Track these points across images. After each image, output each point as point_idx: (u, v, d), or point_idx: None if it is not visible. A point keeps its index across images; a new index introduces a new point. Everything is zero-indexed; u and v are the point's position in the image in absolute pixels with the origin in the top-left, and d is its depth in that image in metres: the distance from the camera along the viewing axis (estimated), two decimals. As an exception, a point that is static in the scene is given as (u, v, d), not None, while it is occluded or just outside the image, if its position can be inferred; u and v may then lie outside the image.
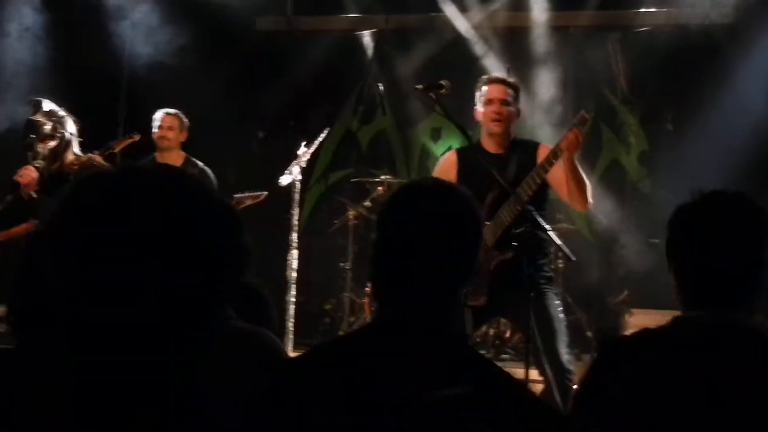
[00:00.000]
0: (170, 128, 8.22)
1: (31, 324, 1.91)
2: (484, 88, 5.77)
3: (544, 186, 5.54)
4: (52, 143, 6.18)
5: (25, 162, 6.22)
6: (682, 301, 2.51)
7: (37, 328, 1.89)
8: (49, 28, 9.43)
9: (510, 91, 5.76)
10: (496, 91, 5.74)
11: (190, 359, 1.55)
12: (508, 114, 5.72)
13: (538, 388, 6.03)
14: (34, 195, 6.06)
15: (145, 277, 1.48)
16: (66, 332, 1.52)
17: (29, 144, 6.17)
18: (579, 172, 5.47)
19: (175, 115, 8.27)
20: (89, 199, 1.51)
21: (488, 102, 5.73)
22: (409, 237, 2.31)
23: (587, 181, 5.54)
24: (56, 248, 1.51)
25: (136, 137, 7.80)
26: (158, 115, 8.25)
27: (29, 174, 6.05)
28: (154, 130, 8.22)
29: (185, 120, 8.30)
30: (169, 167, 1.64)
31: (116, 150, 7.21)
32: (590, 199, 5.62)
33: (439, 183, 2.50)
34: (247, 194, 8.05)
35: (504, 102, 5.72)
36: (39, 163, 6.12)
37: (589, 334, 9.03)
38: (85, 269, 1.47)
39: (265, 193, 8.02)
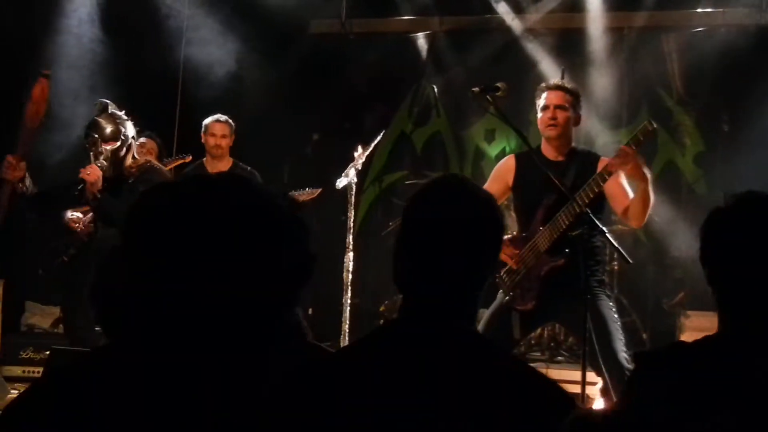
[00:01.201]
0: (224, 136, 8.34)
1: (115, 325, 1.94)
2: (543, 95, 5.78)
3: (601, 194, 5.54)
4: (115, 145, 6.26)
5: (87, 160, 6.30)
6: (719, 314, 2.49)
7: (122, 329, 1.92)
8: (106, 32, 9.52)
9: (568, 96, 5.75)
10: (553, 96, 5.74)
11: (260, 359, 1.59)
12: (563, 119, 5.71)
13: (596, 389, 6.05)
14: (98, 195, 6.13)
15: (218, 284, 1.52)
16: (142, 335, 1.57)
17: (93, 142, 6.25)
18: (648, 192, 5.46)
19: (226, 122, 8.39)
20: (165, 209, 1.56)
21: (544, 108, 5.74)
22: (428, 234, 2.33)
23: (652, 200, 5.53)
24: (132, 256, 1.56)
25: (188, 158, 7.92)
26: (209, 122, 8.35)
27: (95, 172, 6.13)
28: (207, 138, 8.31)
29: (233, 125, 8.40)
30: (238, 177, 1.68)
31: (168, 168, 7.32)
32: (646, 219, 5.65)
33: (462, 182, 2.50)
34: (302, 191, 8.12)
35: (560, 107, 5.71)
36: (101, 163, 6.20)
37: (644, 335, 8.99)
38: (161, 277, 1.52)
39: (320, 189, 8.09)
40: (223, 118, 8.39)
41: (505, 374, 2.24)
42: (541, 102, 5.76)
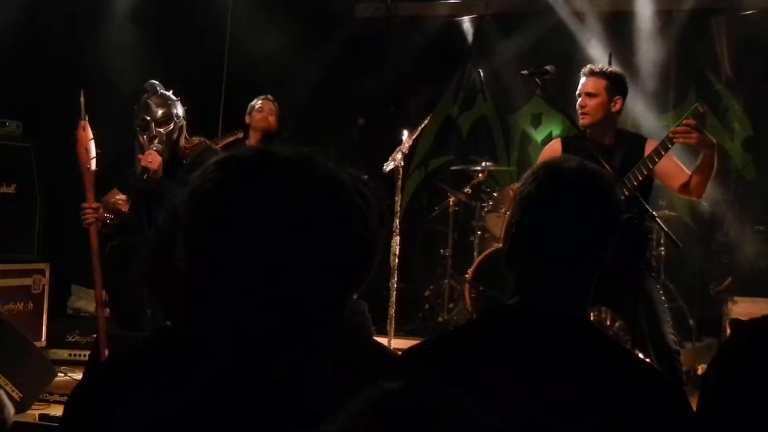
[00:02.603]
0: (270, 113, 8.36)
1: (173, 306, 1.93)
2: (581, 80, 5.76)
3: (650, 177, 5.51)
4: (169, 128, 6.25)
5: (140, 143, 6.29)
6: None
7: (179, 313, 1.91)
8: (151, 16, 9.57)
9: (602, 82, 5.69)
10: (585, 84, 5.72)
11: (322, 346, 1.58)
12: (593, 107, 5.67)
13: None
14: (159, 180, 6.14)
15: (286, 266, 1.51)
16: (204, 320, 1.56)
17: (145, 126, 6.24)
18: (714, 160, 5.44)
19: (273, 101, 8.44)
20: (232, 188, 1.55)
21: (578, 95, 5.72)
22: (553, 216, 2.31)
23: (716, 167, 5.51)
24: (198, 238, 1.55)
25: (240, 135, 7.94)
26: (257, 101, 8.37)
27: (156, 158, 6.12)
28: (253, 114, 8.33)
29: (278, 106, 8.48)
30: (305, 154, 1.64)
31: (220, 145, 7.32)
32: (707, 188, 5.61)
33: (586, 168, 2.44)
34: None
35: (590, 94, 5.67)
36: (157, 146, 6.19)
37: (691, 321, 8.92)
38: (226, 258, 1.51)
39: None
40: (270, 97, 8.48)
41: (623, 367, 2.25)
42: (578, 88, 5.75)
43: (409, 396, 1.45)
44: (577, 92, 5.74)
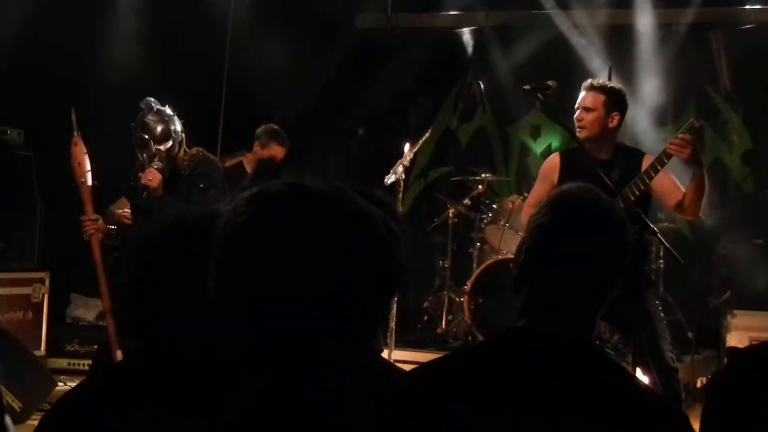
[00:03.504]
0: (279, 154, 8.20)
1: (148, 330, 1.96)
2: (580, 95, 5.77)
3: (647, 192, 5.52)
4: (168, 143, 6.23)
5: (140, 161, 6.28)
6: None
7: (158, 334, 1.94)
8: (150, 29, 9.58)
9: (600, 97, 5.69)
10: (583, 98, 5.72)
11: (339, 377, 1.60)
12: (589, 122, 5.67)
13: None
14: (159, 197, 6.12)
15: (315, 297, 1.53)
16: (219, 342, 1.58)
17: (144, 144, 6.22)
18: (704, 179, 5.44)
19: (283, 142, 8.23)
20: (266, 217, 1.57)
21: (576, 109, 5.73)
22: (566, 249, 2.32)
23: (706, 188, 5.50)
24: (230, 270, 1.57)
25: (247, 156, 7.91)
26: (266, 138, 8.21)
27: (156, 177, 6.11)
28: (263, 151, 8.20)
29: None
30: (335, 188, 1.67)
31: (227, 165, 7.29)
32: (702, 209, 5.61)
33: (598, 197, 2.47)
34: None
35: (587, 109, 5.68)
36: (157, 164, 6.16)
37: (690, 334, 8.93)
38: (257, 289, 1.53)
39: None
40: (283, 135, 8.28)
41: (626, 393, 2.26)
42: (577, 101, 5.76)
43: (420, 416, 1.47)
44: (576, 105, 5.76)
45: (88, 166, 6.08)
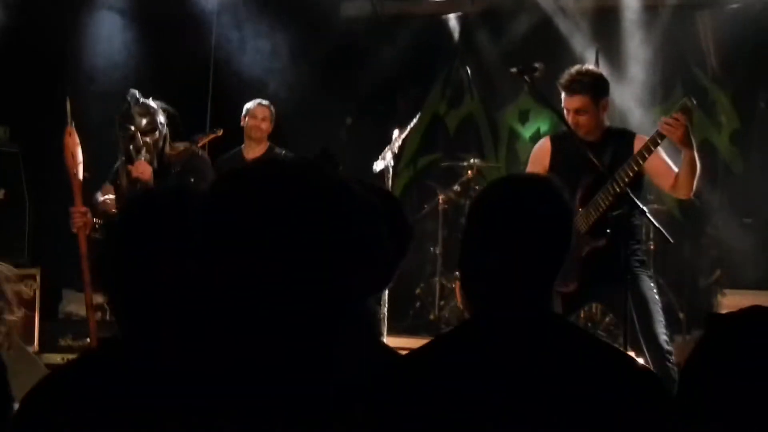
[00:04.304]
0: (264, 119, 8.31)
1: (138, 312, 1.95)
2: (562, 95, 5.72)
3: (640, 173, 5.52)
4: (155, 136, 6.21)
5: (126, 154, 6.24)
6: None
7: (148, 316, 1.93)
8: (136, 20, 9.55)
9: (585, 97, 5.64)
10: (570, 102, 5.67)
11: (327, 346, 1.60)
12: (586, 121, 5.65)
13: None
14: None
15: (295, 268, 1.53)
16: (206, 321, 1.58)
17: (131, 136, 6.19)
18: (695, 159, 5.43)
19: (267, 106, 8.38)
20: (241, 195, 1.57)
21: (566, 110, 5.69)
22: (503, 230, 2.33)
23: (699, 170, 5.50)
24: (212, 248, 1.57)
25: (219, 132, 7.86)
26: (251, 105, 8.33)
27: (147, 169, 6.09)
28: (247, 120, 8.30)
29: (274, 111, 8.42)
30: (311, 163, 1.68)
31: (200, 144, 7.26)
32: (695, 188, 5.60)
33: (534, 178, 2.52)
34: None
35: (579, 111, 5.65)
36: (146, 156, 6.15)
37: (681, 315, 8.95)
38: (236, 260, 1.53)
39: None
40: (265, 102, 8.41)
41: (598, 357, 2.27)
42: (562, 101, 5.71)
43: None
44: (563, 106, 5.71)
45: (80, 158, 6.05)
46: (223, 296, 1.56)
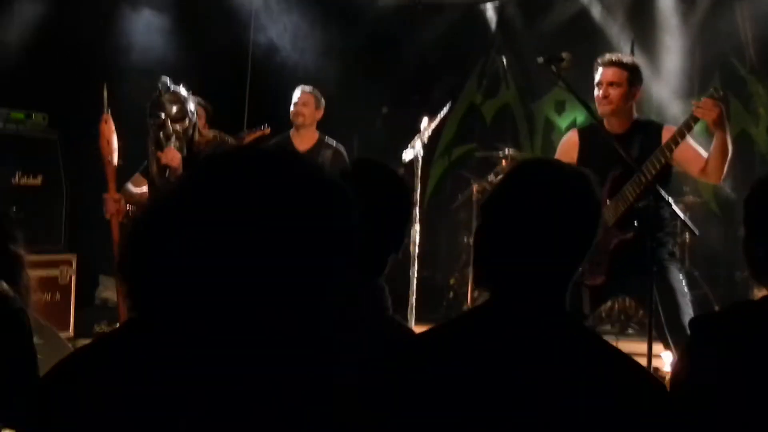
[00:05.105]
0: (305, 104, 8.24)
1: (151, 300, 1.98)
2: (599, 70, 5.73)
3: (668, 165, 5.50)
4: (185, 123, 6.23)
5: (156, 141, 6.28)
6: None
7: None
8: (175, 11, 9.60)
9: (622, 72, 5.66)
10: (606, 73, 5.67)
11: (314, 327, 1.63)
12: (616, 96, 5.64)
13: (662, 362, 6.03)
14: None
15: (259, 258, 1.56)
16: (184, 311, 1.61)
17: (161, 123, 6.21)
18: (727, 143, 5.41)
19: (310, 92, 8.30)
20: (208, 184, 1.61)
21: (598, 84, 5.70)
22: (525, 217, 2.29)
23: (730, 151, 5.48)
24: (179, 229, 1.60)
25: (267, 131, 7.89)
26: (296, 92, 8.30)
27: (176, 156, 6.13)
28: (291, 107, 8.29)
29: (321, 98, 8.35)
30: (286, 150, 1.71)
31: (246, 141, 7.28)
32: (725, 171, 5.58)
33: (556, 164, 2.47)
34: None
35: (613, 84, 5.64)
36: (176, 143, 6.18)
37: (716, 308, 8.91)
38: (206, 251, 1.56)
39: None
40: (308, 88, 8.32)
41: (597, 357, 2.25)
42: (597, 78, 5.72)
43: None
44: (597, 81, 5.72)
45: (115, 145, 6.11)
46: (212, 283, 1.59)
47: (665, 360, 5.98)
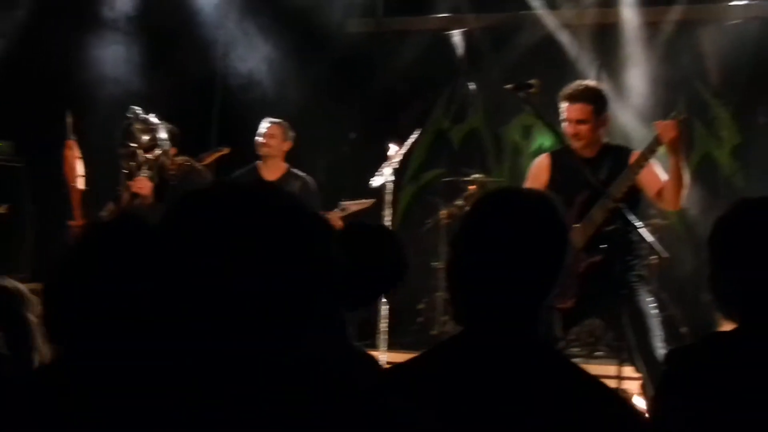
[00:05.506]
0: (272, 136, 8.15)
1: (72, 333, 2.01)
2: (564, 105, 5.75)
3: (635, 188, 5.54)
4: (156, 152, 6.22)
5: (127, 170, 6.27)
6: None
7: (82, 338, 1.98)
8: (144, 36, 9.59)
9: (588, 107, 5.70)
10: (572, 112, 5.71)
11: (279, 364, 1.63)
12: (586, 131, 5.68)
13: (633, 384, 6.05)
14: (150, 205, 6.12)
15: (239, 288, 1.57)
16: (155, 340, 1.62)
17: (131, 153, 6.20)
18: (682, 168, 5.46)
19: (278, 124, 8.23)
20: (189, 218, 1.61)
21: (566, 120, 5.73)
22: (494, 248, 2.27)
23: (687, 181, 5.52)
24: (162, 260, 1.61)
25: (225, 151, 7.82)
26: (263, 123, 8.19)
27: (146, 185, 6.12)
28: (257, 138, 8.21)
29: (289, 130, 8.27)
30: (264, 184, 1.73)
31: (206, 162, 7.25)
32: (683, 200, 5.62)
33: (519, 192, 2.50)
34: (353, 202, 7.89)
35: (580, 121, 5.69)
36: (146, 173, 6.17)
37: (683, 329, 8.95)
38: (182, 281, 1.57)
39: (373, 200, 7.91)
40: (277, 120, 8.24)
41: (574, 388, 2.23)
42: (562, 111, 5.75)
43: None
44: (563, 117, 5.74)
45: (80, 171, 6.10)
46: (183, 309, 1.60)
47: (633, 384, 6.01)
